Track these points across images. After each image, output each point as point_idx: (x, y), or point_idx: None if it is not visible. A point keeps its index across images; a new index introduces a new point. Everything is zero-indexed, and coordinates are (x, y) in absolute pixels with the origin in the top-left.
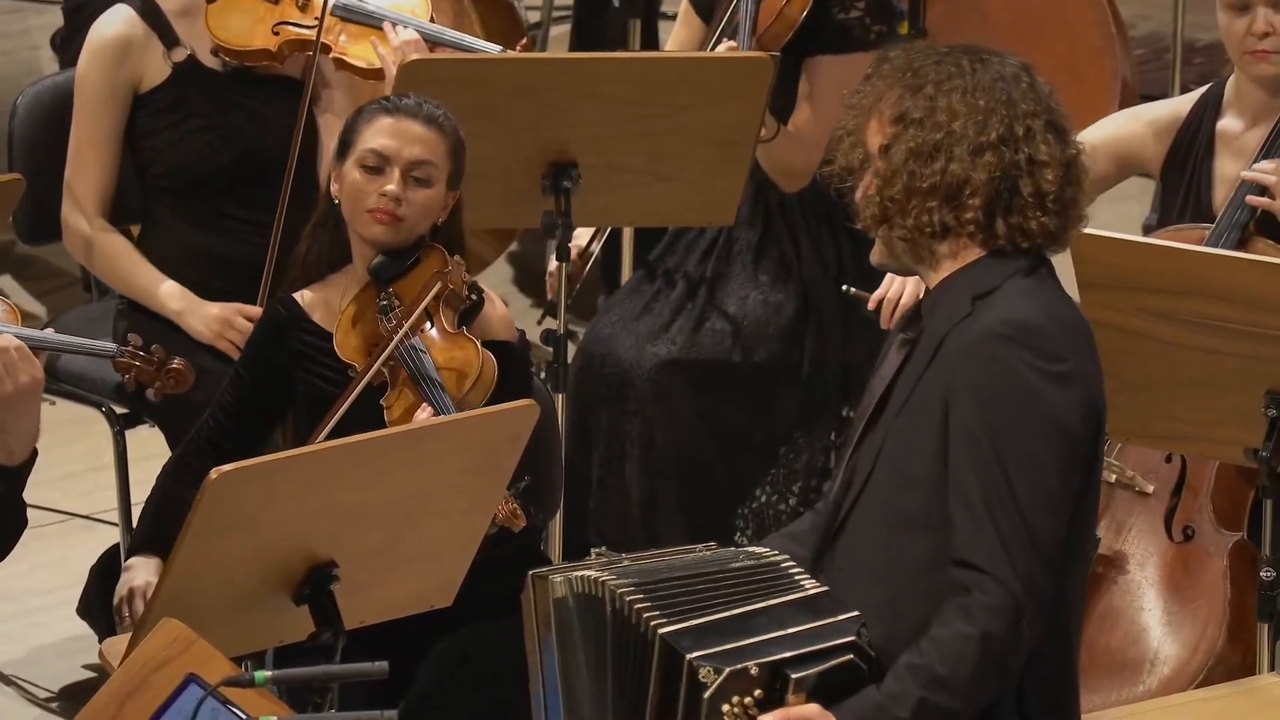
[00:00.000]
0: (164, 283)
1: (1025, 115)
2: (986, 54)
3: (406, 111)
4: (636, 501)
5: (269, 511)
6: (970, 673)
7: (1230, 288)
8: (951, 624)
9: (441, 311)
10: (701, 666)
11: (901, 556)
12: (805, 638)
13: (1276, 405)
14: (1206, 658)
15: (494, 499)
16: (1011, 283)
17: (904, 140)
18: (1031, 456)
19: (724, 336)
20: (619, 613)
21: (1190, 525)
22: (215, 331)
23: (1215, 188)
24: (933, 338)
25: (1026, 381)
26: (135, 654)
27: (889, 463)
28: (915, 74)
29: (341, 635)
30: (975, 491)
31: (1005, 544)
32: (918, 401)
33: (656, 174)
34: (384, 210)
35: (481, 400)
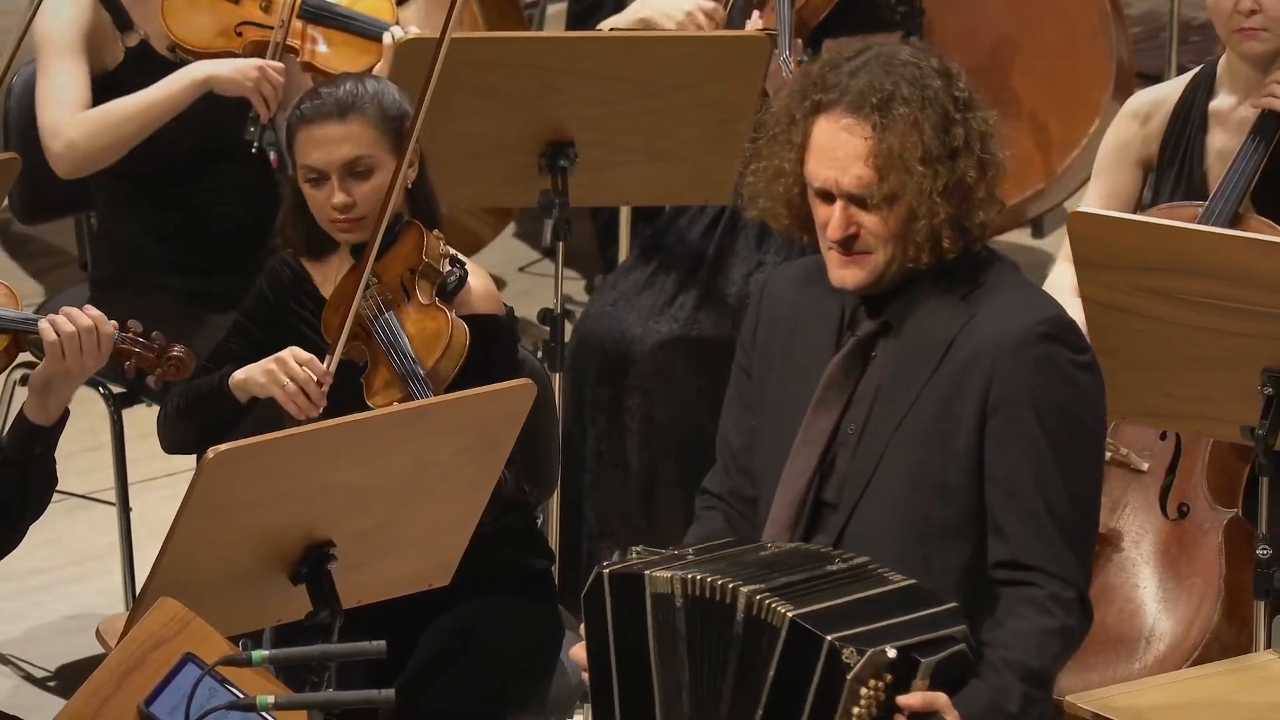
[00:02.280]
0: (171, 79)
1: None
2: (908, 62)
3: (320, 116)
4: (635, 476)
5: (266, 490)
6: (1055, 665)
7: (1226, 265)
8: (1028, 618)
9: (418, 285)
10: (844, 648)
11: (936, 567)
12: (922, 625)
13: (1273, 383)
14: (1202, 635)
15: (492, 478)
16: (994, 275)
17: (915, 177)
18: (1082, 454)
19: (727, 313)
20: (753, 614)
21: (1185, 502)
22: (255, 80)
23: (1208, 162)
24: (928, 345)
25: (1072, 379)
26: (133, 633)
27: (909, 475)
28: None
29: (339, 614)
30: (1034, 495)
31: (1067, 544)
32: (934, 411)
33: (654, 153)
34: (340, 221)
35: (452, 369)
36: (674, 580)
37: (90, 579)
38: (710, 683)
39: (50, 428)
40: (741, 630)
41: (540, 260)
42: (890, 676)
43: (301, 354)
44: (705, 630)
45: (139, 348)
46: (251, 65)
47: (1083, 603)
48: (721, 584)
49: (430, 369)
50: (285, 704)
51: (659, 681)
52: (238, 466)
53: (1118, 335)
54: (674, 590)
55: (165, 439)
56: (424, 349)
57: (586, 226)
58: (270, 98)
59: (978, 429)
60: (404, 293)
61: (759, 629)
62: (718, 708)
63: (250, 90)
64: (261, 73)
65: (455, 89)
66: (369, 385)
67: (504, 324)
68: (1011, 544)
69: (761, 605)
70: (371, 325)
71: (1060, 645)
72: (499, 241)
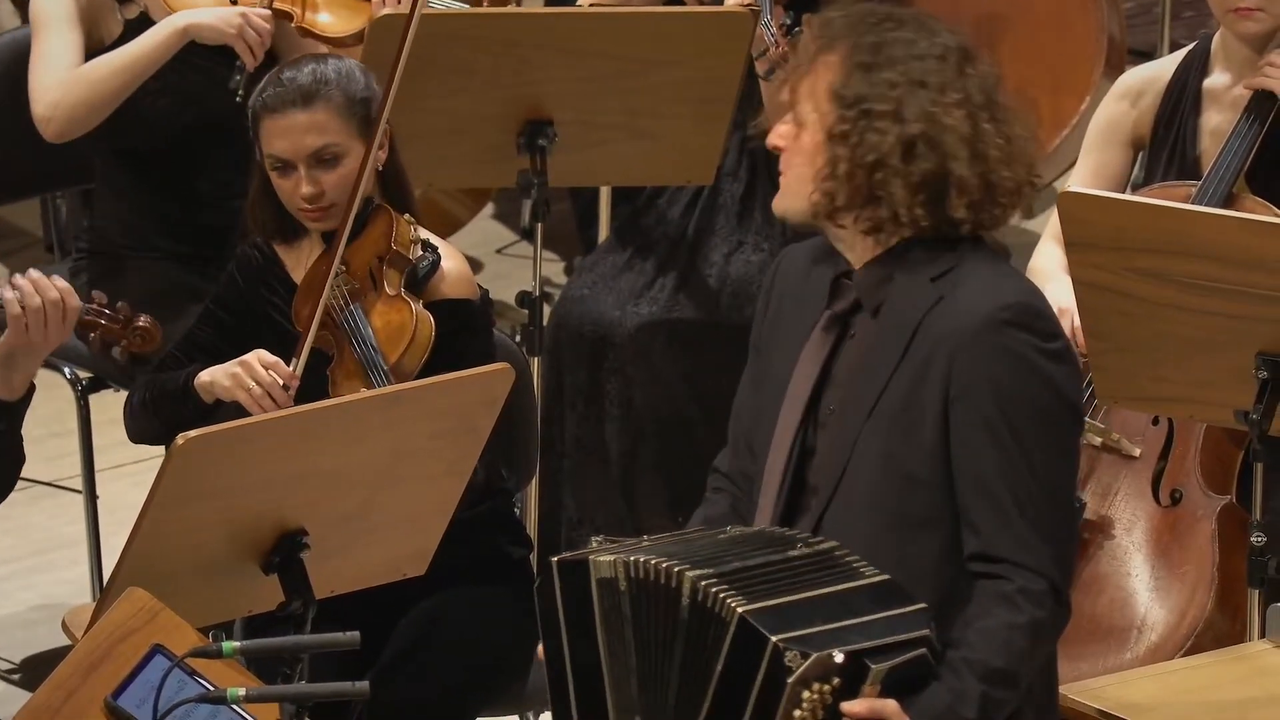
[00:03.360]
0: (152, 30)
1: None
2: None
3: (283, 104)
4: (614, 461)
5: (237, 478)
6: (1023, 662)
7: (1220, 246)
8: (996, 613)
9: (386, 274)
10: (787, 650)
11: (909, 558)
12: (881, 628)
13: (1267, 366)
14: (1195, 624)
15: (469, 464)
16: (969, 258)
17: (869, 131)
18: (1052, 443)
19: (707, 295)
20: (698, 600)
21: (1178, 489)
22: (238, 27)
23: (1202, 142)
24: (895, 328)
25: (1037, 367)
26: (100, 624)
27: (880, 463)
28: (873, 50)
29: (312, 605)
30: (1000, 487)
31: (1037, 534)
32: (902, 399)
33: (634, 131)
34: (309, 210)
35: (416, 364)
36: (617, 564)
37: (56, 568)
38: (658, 667)
39: (15, 403)
40: (688, 615)
41: (518, 242)
42: (838, 680)
43: (267, 357)
44: (651, 615)
45: (104, 319)
46: (234, 12)
47: (1056, 594)
48: (666, 567)
49: (393, 364)
50: (256, 696)
51: (608, 669)
52: (208, 453)
53: (1109, 318)
54: (618, 574)
55: (131, 430)
56: (388, 343)
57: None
58: (255, 45)
59: (942, 419)
60: (372, 281)
61: (705, 617)
62: (666, 693)
63: (233, 38)
64: (245, 19)
65: (430, 66)
66: (333, 377)
67: (476, 308)
68: (981, 536)
69: (707, 593)
70: (338, 316)
71: (1028, 641)
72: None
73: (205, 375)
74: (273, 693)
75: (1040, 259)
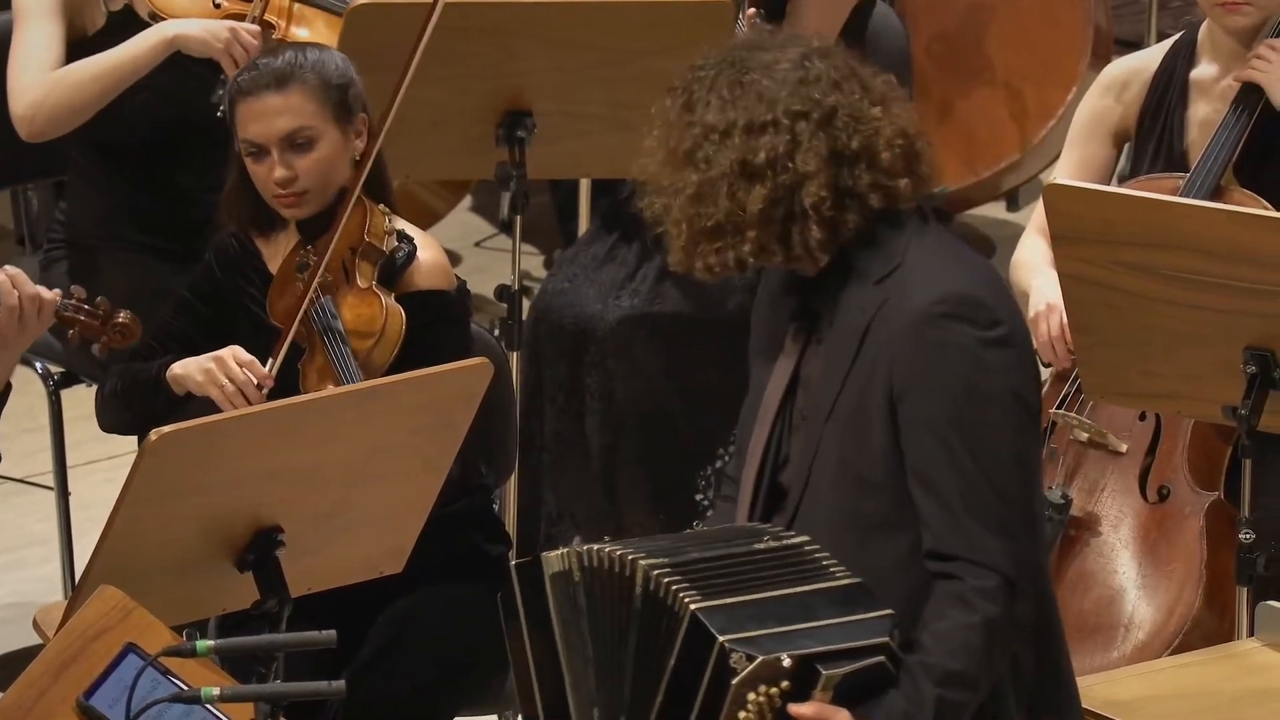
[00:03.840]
0: (138, 38)
1: (790, 125)
2: (751, 67)
3: (257, 87)
4: (595, 456)
5: (212, 474)
6: (979, 662)
7: (1208, 239)
8: (950, 615)
9: (358, 267)
10: (733, 652)
11: (872, 560)
12: (838, 632)
13: (1256, 361)
14: (1183, 622)
15: (447, 461)
16: (913, 251)
17: (689, 184)
18: (995, 433)
19: (690, 288)
20: (649, 590)
21: (1165, 485)
22: (225, 41)
23: (1189, 134)
24: (847, 333)
25: (976, 357)
26: (71, 623)
27: (838, 468)
28: (690, 109)
29: (287, 603)
30: (945, 483)
31: (986, 529)
32: (852, 402)
33: (616, 122)
34: (283, 195)
35: (387, 357)
36: (570, 556)
37: (27, 566)
38: (613, 658)
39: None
40: (640, 605)
41: (496, 235)
42: (787, 684)
43: (242, 355)
44: (605, 605)
45: (83, 315)
46: (223, 26)
47: (1011, 588)
48: (619, 556)
49: (363, 358)
50: (231, 696)
51: (567, 664)
52: (182, 449)
53: (1095, 312)
54: (571, 566)
55: (102, 419)
56: (357, 336)
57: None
58: (241, 59)
59: (889, 421)
60: (344, 274)
61: (658, 608)
62: (621, 684)
63: (219, 52)
64: (233, 34)
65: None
66: (304, 370)
67: (452, 299)
68: (933, 535)
69: (659, 583)
70: (309, 309)
71: (983, 640)
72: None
73: (178, 368)
74: (247, 692)
75: (1024, 252)
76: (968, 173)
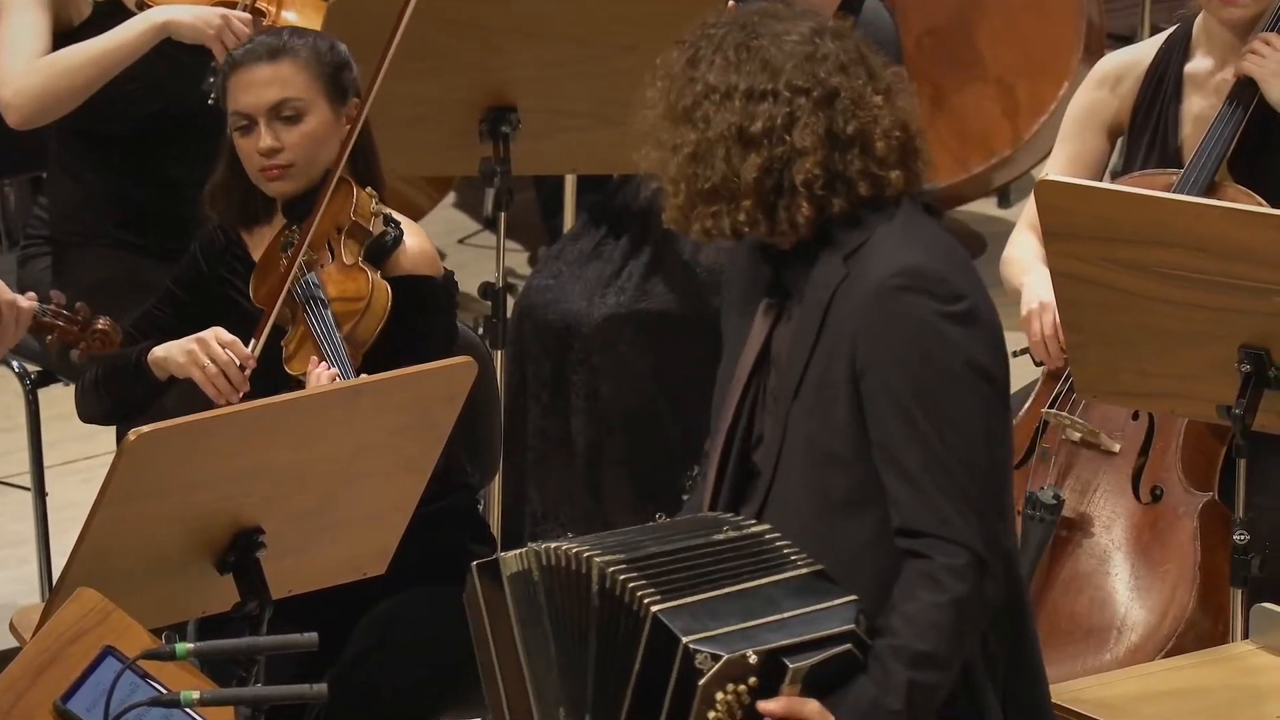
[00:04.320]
0: (128, 24)
1: (790, 98)
2: (761, 33)
3: (249, 59)
4: (580, 455)
5: (191, 474)
6: (950, 641)
7: (1202, 236)
8: (918, 595)
9: (344, 244)
10: (698, 652)
11: (842, 540)
12: (803, 623)
13: (1250, 360)
14: (1176, 624)
15: (430, 461)
16: (880, 232)
17: (686, 142)
18: (958, 407)
19: (676, 285)
20: (606, 588)
21: (1159, 485)
22: (217, 28)
23: (1183, 129)
24: (812, 308)
25: (935, 329)
26: (49, 625)
27: (806, 446)
28: (694, 65)
29: (268, 605)
30: (910, 457)
31: (953, 504)
32: (817, 378)
33: (601, 118)
34: (268, 167)
35: (371, 332)
36: (528, 555)
37: (4, 567)
38: (575, 656)
39: None
40: (598, 603)
41: (480, 232)
42: (755, 680)
43: (224, 335)
44: (564, 603)
45: (62, 320)
46: (215, 13)
47: (980, 565)
48: (575, 553)
49: (348, 332)
50: (211, 700)
51: (527, 665)
52: (161, 449)
53: (1088, 310)
54: (530, 565)
55: (81, 409)
56: (343, 312)
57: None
58: (234, 47)
59: (853, 396)
60: (329, 252)
61: (615, 606)
62: (584, 683)
63: (211, 39)
64: (225, 21)
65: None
66: (288, 348)
67: (439, 286)
68: (902, 511)
69: (615, 580)
70: (293, 287)
71: (953, 618)
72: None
73: (160, 350)
74: (228, 696)
75: (1014, 249)
76: (959, 169)
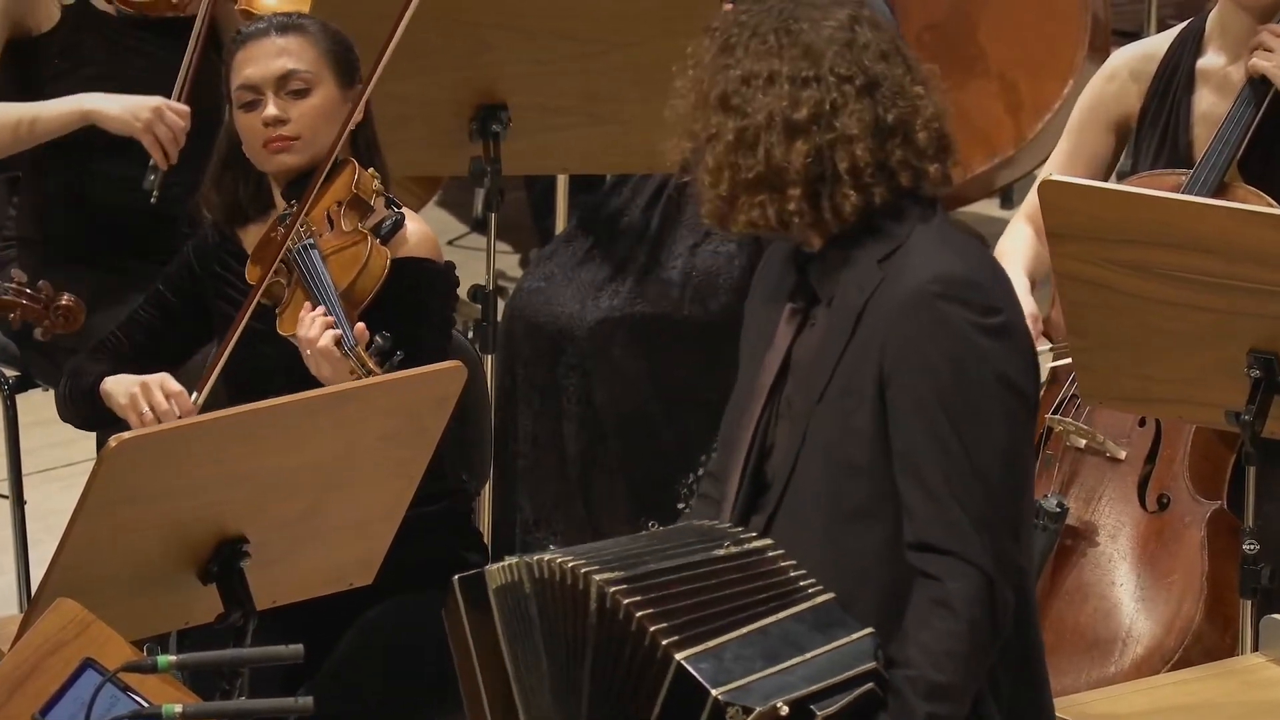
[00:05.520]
0: (55, 102)
1: (836, 84)
2: (800, 17)
3: (258, 33)
4: (572, 461)
5: (174, 481)
6: (966, 669)
7: (1209, 238)
8: (932, 623)
9: (344, 215)
10: (730, 705)
11: (851, 553)
12: (826, 664)
13: (1260, 364)
14: (1183, 636)
15: (419, 467)
16: (916, 235)
17: (725, 130)
18: (987, 422)
19: (671, 288)
20: (606, 607)
21: (1165, 494)
22: (146, 121)
23: (1194, 127)
24: (844, 313)
25: (970, 341)
26: (27, 637)
27: (823, 453)
28: (729, 52)
29: (252, 616)
30: (932, 468)
31: (971, 520)
32: (843, 384)
33: (593, 116)
34: (273, 139)
35: (369, 291)
36: (519, 567)
37: None
38: (568, 671)
39: None
40: (596, 621)
41: (469, 233)
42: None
43: (171, 385)
44: (558, 618)
45: (25, 299)
46: (146, 105)
47: (990, 586)
48: (571, 568)
49: (345, 289)
50: (194, 713)
51: (515, 678)
52: (143, 456)
53: (1092, 312)
54: (520, 577)
55: (60, 414)
56: (339, 270)
57: (520, 196)
58: (168, 141)
59: (878, 402)
60: (328, 223)
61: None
62: (579, 699)
63: (140, 131)
64: (156, 114)
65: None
66: (281, 315)
67: (441, 270)
68: (916, 523)
69: (615, 601)
70: (290, 255)
71: (967, 646)
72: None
73: (109, 383)
74: (211, 709)
75: (1006, 241)
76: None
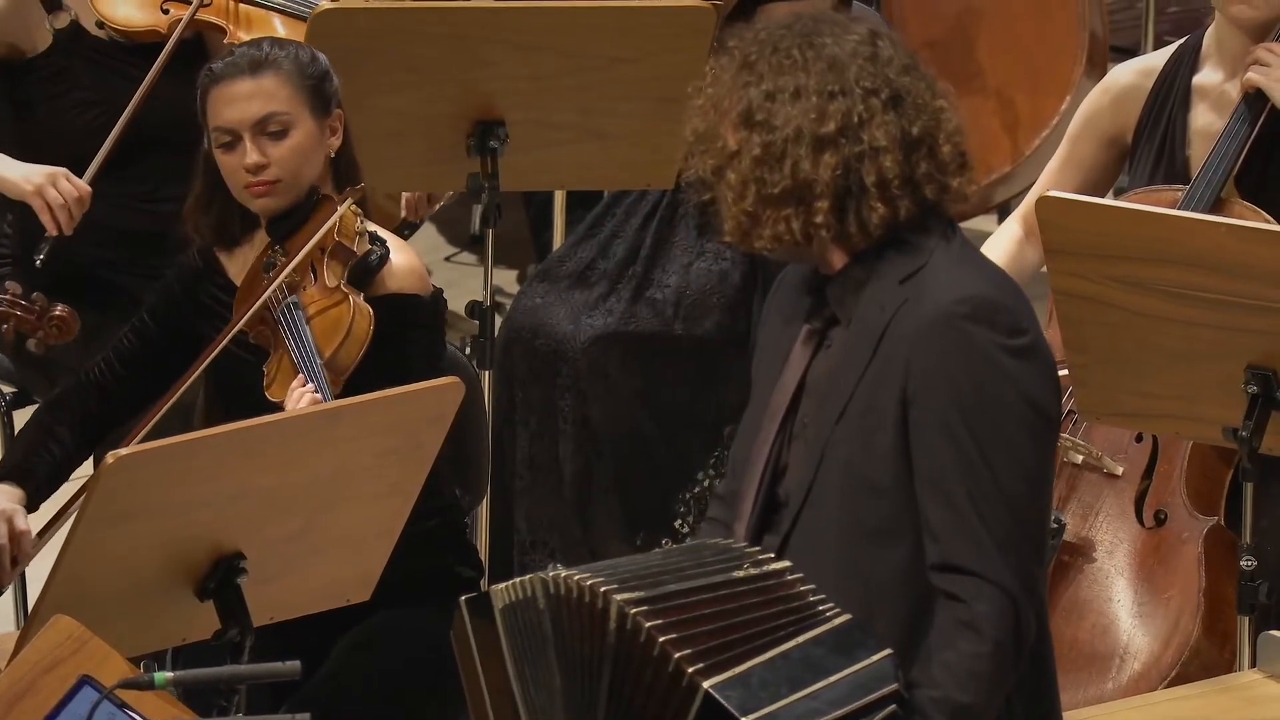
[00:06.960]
0: None
1: (863, 97)
2: (821, 32)
3: (230, 73)
4: (569, 482)
5: (171, 498)
6: (989, 691)
7: (1207, 254)
8: (957, 644)
9: (327, 266)
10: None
11: (870, 572)
12: (850, 687)
13: (1257, 381)
14: (1180, 652)
15: (416, 484)
16: (938, 255)
17: (750, 145)
18: (1011, 442)
19: (665, 307)
20: (626, 628)
21: (1163, 509)
22: (36, 185)
23: (1190, 143)
24: (865, 333)
25: (996, 362)
26: (24, 654)
27: (841, 474)
28: (750, 68)
29: (249, 633)
30: (957, 488)
31: (995, 541)
32: (864, 404)
33: (591, 132)
34: (255, 184)
35: (352, 359)
36: (532, 584)
37: None
38: (584, 688)
39: None
40: (615, 640)
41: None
42: None
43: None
44: (574, 634)
45: (19, 310)
46: (39, 172)
47: (1014, 607)
48: (590, 586)
49: (328, 358)
50: None
51: (528, 698)
52: (140, 472)
53: (1090, 328)
54: (535, 593)
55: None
56: (323, 336)
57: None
58: (58, 209)
59: (900, 422)
60: (312, 274)
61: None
62: (595, 716)
63: (30, 195)
64: (48, 180)
65: (373, 62)
66: (269, 373)
67: (425, 304)
68: (940, 544)
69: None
70: (274, 310)
71: (991, 668)
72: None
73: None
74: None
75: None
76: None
